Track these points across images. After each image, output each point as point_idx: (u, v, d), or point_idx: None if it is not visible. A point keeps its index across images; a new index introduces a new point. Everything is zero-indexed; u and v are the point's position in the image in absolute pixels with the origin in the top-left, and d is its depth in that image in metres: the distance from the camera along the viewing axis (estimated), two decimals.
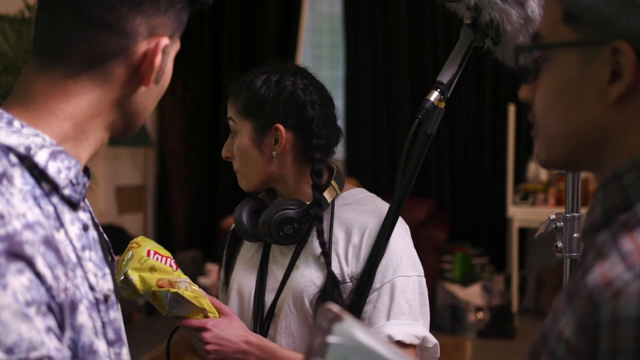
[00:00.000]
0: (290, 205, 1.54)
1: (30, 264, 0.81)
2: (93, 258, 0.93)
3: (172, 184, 6.29)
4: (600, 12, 0.78)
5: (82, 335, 0.88)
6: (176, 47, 1.00)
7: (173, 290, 1.42)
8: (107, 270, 0.96)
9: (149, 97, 0.99)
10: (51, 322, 0.82)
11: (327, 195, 1.56)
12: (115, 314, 0.97)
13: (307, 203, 1.55)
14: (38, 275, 0.81)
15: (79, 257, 0.90)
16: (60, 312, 0.84)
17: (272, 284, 1.58)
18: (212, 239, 5.97)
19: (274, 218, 1.52)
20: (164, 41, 0.94)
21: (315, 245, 1.55)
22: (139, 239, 1.52)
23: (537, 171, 5.56)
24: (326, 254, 1.51)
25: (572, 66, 0.82)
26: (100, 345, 0.91)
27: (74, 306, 0.87)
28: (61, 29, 0.92)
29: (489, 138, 5.85)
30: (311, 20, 6.28)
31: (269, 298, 1.57)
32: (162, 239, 6.29)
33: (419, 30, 5.87)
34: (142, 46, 0.93)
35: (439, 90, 1.44)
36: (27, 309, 0.79)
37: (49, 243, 0.84)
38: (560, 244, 1.52)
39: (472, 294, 5.21)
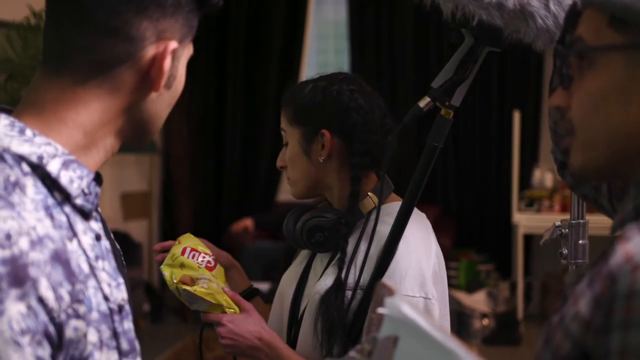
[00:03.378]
0: (326, 213, 1.54)
1: (33, 287, 0.80)
2: (107, 268, 0.92)
3: (178, 191, 6.29)
4: None
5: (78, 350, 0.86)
6: (188, 52, 0.98)
7: (183, 287, 1.49)
8: (121, 280, 0.94)
9: (160, 103, 0.97)
10: (42, 352, 0.81)
11: (363, 205, 1.53)
12: (130, 324, 0.95)
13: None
14: (40, 299, 0.80)
15: (92, 267, 0.89)
16: (58, 333, 0.83)
17: (308, 291, 1.57)
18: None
19: (305, 225, 1.53)
20: (173, 44, 0.93)
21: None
22: (183, 236, 1.62)
23: (542, 178, 5.55)
24: (341, 260, 1.49)
25: (618, 69, 0.82)
26: (104, 358, 0.89)
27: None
28: (66, 36, 0.91)
29: (494, 144, 5.84)
30: (316, 26, 6.29)
31: (303, 305, 1.57)
32: None
33: (425, 35, 5.88)
34: (150, 51, 0.92)
35: (431, 96, 1.43)
36: (21, 337, 0.78)
37: (58, 257, 0.83)
38: (565, 251, 1.52)
39: (478, 301, 5.20)
